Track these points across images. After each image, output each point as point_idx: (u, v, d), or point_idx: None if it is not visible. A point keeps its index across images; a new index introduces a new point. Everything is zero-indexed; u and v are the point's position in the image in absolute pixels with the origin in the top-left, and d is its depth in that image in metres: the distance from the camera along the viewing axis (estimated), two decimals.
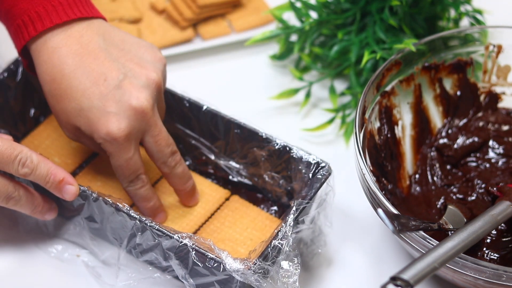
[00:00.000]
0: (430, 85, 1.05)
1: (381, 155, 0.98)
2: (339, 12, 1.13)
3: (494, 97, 1.07)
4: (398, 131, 1.02)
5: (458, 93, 1.06)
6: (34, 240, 0.98)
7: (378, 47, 1.08)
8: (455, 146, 1.05)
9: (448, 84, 1.06)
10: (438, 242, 0.84)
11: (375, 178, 0.93)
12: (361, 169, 0.91)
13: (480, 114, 1.07)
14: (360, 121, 0.94)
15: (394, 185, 0.99)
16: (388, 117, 1.01)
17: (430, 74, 1.04)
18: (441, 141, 1.05)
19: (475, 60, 1.05)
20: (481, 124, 1.07)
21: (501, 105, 1.08)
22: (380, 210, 0.83)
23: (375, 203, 0.89)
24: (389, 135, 1.01)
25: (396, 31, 1.11)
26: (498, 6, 1.23)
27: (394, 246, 1.00)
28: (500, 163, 1.04)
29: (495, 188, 0.96)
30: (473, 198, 1.00)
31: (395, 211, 0.87)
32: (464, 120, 1.07)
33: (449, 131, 1.06)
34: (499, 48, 1.05)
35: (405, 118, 1.03)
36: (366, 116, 0.96)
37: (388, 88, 1.00)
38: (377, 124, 0.99)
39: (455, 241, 0.82)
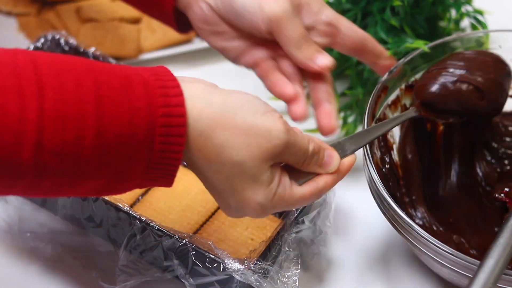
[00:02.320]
0: (413, 103, 1.03)
1: (389, 184, 0.98)
2: (340, 13, 1.13)
3: None
4: (394, 155, 1.01)
5: None
6: (29, 245, 0.98)
7: None
8: None
9: None
10: (439, 242, 0.85)
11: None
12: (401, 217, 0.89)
13: None
14: (369, 156, 0.92)
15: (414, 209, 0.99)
16: (385, 144, 1.00)
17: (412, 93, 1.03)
18: None
19: None
20: None
21: None
22: None
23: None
24: (391, 162, 1.00)
25: (398, 31, 1.10)
26: (498, 7, 1.23)
27: (394, 245, 1.00)
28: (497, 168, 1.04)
29: (502, 195, 0.96)
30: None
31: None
32: None
33: None
34: None
35: (398, 141, 1.02)
36: (374, 149, 0.95)
37: (380, 115, 0.99)
38: (379, 154, 0.98)
39: (495, 258, 0.82)
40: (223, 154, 0.77)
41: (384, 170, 0.97)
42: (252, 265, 0.87)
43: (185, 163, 0.79)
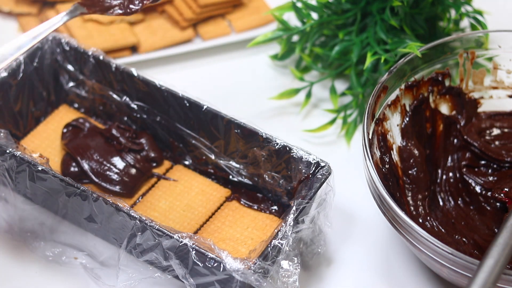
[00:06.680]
0: (413, 103, 1.03)
1: (389, 184, 0.98)
2: (339, 13, 1.13)
3: (473, 103, 1.07)
4: (394, 155, 1.01)
5: None
6: (29, 245, 0.98)
7: (379, 47, 1.08)
8: None
9: (430, 99, 1.05)
10: (439, 242, 0.85)
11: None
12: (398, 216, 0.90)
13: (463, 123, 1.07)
14: (369, 156, 0.93)
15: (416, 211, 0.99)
16: (385, 144, 1.00)
17: (412, 92, 1.03)
18: None
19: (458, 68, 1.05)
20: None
21: (480, 109, 1.07)
22: None
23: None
24: (391, 162, 1.00)
25: (397, 31, 1.10)
26: (498, 7, 1.23)
27: (394, 245, 1.00)
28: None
29: (502, 195, 0.96)
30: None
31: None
32: None
33: None
34: (473, 55, 1.04)
35: (398, 141, 1.02)
36: (373, 149, 0.95)
37: (380, 115, 0.99)
38: (379, 154, 0.98)
39: (495, 257, 0.82)
40: None
41: (384, 170, 0.97)
42: (252, 265, 0.87)
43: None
